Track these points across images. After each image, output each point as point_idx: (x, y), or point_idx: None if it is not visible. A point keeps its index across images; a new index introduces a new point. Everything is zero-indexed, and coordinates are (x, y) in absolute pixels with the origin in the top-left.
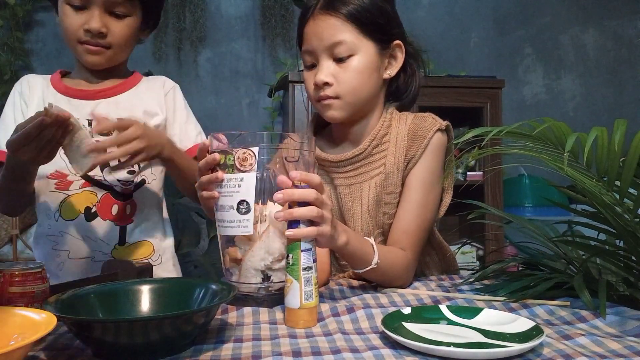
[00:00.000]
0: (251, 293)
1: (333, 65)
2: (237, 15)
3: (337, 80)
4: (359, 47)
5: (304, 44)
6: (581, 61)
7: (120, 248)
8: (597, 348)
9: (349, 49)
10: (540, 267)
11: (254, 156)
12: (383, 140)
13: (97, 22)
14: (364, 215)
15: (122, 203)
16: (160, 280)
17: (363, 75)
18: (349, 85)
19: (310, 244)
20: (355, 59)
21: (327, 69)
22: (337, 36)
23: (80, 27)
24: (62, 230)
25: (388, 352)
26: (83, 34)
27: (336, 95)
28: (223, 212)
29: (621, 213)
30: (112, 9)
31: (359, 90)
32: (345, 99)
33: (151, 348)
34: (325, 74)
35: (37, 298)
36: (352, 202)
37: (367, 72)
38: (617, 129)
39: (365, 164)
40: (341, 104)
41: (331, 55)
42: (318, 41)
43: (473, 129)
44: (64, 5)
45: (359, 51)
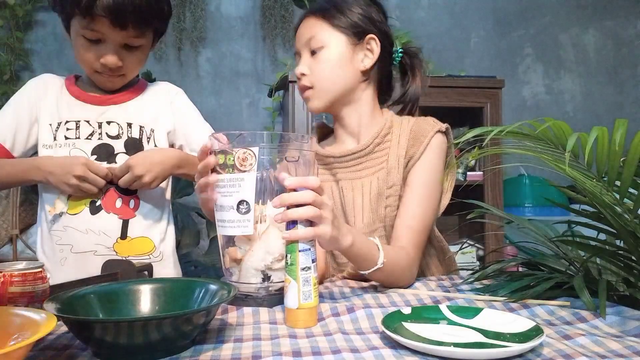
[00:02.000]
0: (251, 293)
1: (309, 58)
2: (237, 15)
3: (311, 70)
4: (329, 40)
5: (294, 47)
6: (581, 61)
7: (122, 242)
8: (597, 348)
9: (320, 41)
10: (540, 267)
11: (254, 156)
12: (385, 139)
13: (112, 58)
14: (365, 208)
15: (126, 197)
16: (160, 280)
17: (334, 65)
18: (321, 74)
19: (309, 245)
20: (325, 50)
21: (304, 61)
22: (311, 32)
23: (96, 60)
24: (67, 225)
25: (388, 352)
26: (99, 67)
27: (311, 84)
28: (223, 212)
29: (621, 213)
30: (128, 42)
31: (330, 79)
32: (318, 87)
33: (151, 348)
34: (301, 66)
35: (37, 298)
36: (354, 195)
37: (338, 62)
38: (618, 129)
39: (368, 160)
40: (316, 93)
41: (309, 49)
42: (299, 40)
43: (473, 129)
44: (78, 36)
45: (329, 44)
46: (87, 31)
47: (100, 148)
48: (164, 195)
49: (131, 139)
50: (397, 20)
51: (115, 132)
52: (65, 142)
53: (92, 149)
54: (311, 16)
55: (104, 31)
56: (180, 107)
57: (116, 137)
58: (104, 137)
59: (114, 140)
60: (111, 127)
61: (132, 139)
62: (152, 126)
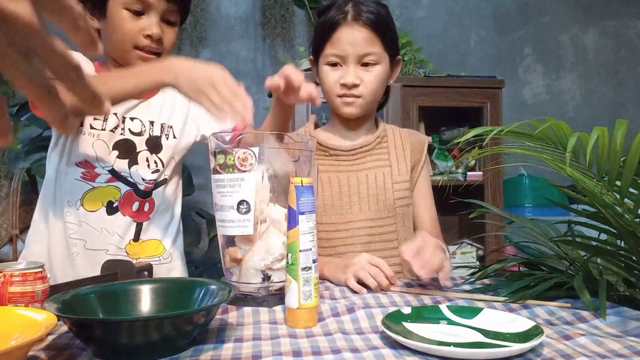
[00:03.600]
0: (251, 293)
1: (359, 69)
2: (237, 15)
3: (362, 82)
4: (382, 58)
5: (335, 47)
6: (581, 61)
7: (134, 244)
8: (598, 348)
9: (376, 59)
10: (541, 267)
11: (254, 156)
12: (384, 140)
13: (157, 28)
14: (370, 199)
15: (143, 200)
16: (160, 280)
17: (381, 82)
18: (371, 88)
19: (310, 244)
20: (378, 67)
21: (355, 71)
22: (370, 48)
23: (139, 32)
24: (82, 220)
25: (388, 352)
26: (143, 39)
27: (360, 94)
28: (223, 212)
29: (622, 213)
30: (166, 16)
31: (376, 93)
32: (365, 98)
33: (151, 348)
34: (354, 77)
35: (37, 298)
36: (358, 186)
37: (384, 79)
38: (618, 129)
39: (371, 155)
40: (361, 102)
41: (359, 61)
42: (352, 48)
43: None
44: (121, 11)
45: (381, 61)
46: (132, 2)
47: (122, 143)
48: (176, 199)
49: (152, 137)
50: (397, 20)
51: (138, 129)
52: (91, 131)
53: (114, 143)
54: (369, 29)
55: (151, 0)
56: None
57: (138, 134)
58: (127, 132)
59: (136, 137)
60: (134, 123)
61: (154, 137)
62: (171, 123)
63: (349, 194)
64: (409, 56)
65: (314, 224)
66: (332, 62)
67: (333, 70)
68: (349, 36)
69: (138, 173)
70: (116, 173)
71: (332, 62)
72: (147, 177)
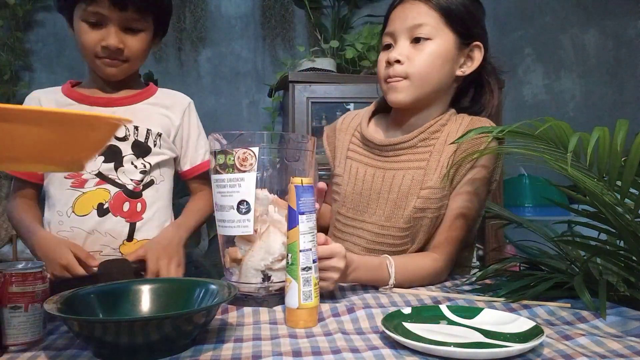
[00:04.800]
0: (251, 293)
1: (409, 46)
2: (237, 15)
3: (409, 60)
4: (438, 33)
5: (387, 27)
6: (581, 61)
7: (128, 244)
8: (598, 348)
9: (428, 33)
10: (541, 267)
11: (254, 156)
12: (433, 136)
13: (114, 39)
14: (389, 204)
15: (133, 201)
16: (160, 280)
17: (435, 62)
18: (419, 67)
19: (310, 244)
20: (432, 43)
21: (402, 48)
22: (420, 19)
23: (97, 44)
24: (74, 226)
25: (388, 352)
26: (100, 50)
27: (405, 74)
28: (223, 212)
29: (622, 213)
30: (128, 25)
31: (428, 75)
32: (412, 80)
33: (151, 348)
34: (399, 52)
35: (37, 298)
36: (381, 186)
37: (440, 59)
38: (620, 129)
39: (407, 154)
40: (407, 85)
41: (410, 36)
42: (401, 23)
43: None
44: (80, 22)
45: (437, 37)
46: (88, 14)
47: (107, 149)
48: (169, 198)
49: (137, 141)
50: None
51: (122, 134)
52: None
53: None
54: (425, 2)
55: (104, 12)
56: (188, 118)
57: (123, 139)
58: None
59: (121, 142)
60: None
61: (139, 141)
62: (160, 131)
63: (370, 191)
64: None
65: (314, 224)
66: (385, 44)
67: (384, 53)
68: (400, 12)
69: (125, 174)
70: (103, 176)
71: (386, 44)
72: (135, 177)
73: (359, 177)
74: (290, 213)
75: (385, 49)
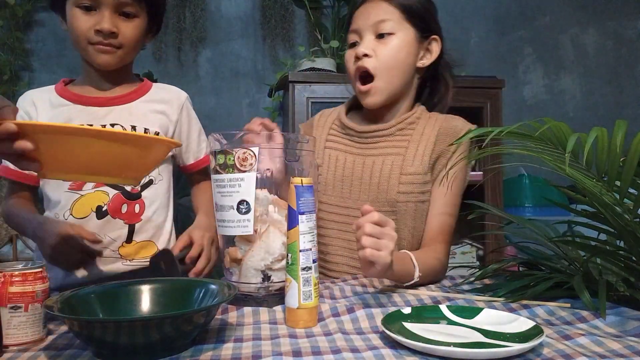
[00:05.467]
0: (251, 293)
1: (374, 40)
2: (237, 15)
3: (376, 54)
4: (400, 28)
5: (352, 25)
6: (581, 61)
7: (127, 246)
8: (597, 348)
9: (391, 28)
10: (540, 267)
11: (254, 156)
12: (409, 126)
13: (107, 22)
14: (372, 188)
15: (132, 202)
16: (160, 280)
17: (399, 54)
18: (386, 59)
19: (310, 244)
20: (395, 37)
21: (368, 42)
22: (382, 16)
23: (90, 29)
24: None
25: (388, 352)
26: (94, 35)
27: (374, 69)
28: (223, 212)
29: (621, 213)
30: (122, 9)
31: (394, 67)
32: (381, 77)
33: (151, 348)
34: (365, 47)
35: (37, 298)
36: (362, 172)
37: (403, 52)
38: (619, 130)
39: (385, 141)
40: (378, 86)
41: (374, 32)
42: (365, 20)
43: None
44: (72, 9)
45: (399, 32)
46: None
47: None
48: (167, 197)
49: None
50: None
51: None
52: None
53: None
54: (386, 0)
55: None
56: (187, 114)
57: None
58: None
59: None
60: (116, 129)
61: None
62: (157, 129)
63: (352, 178)
64: None
65: (314, 224)
66: (351, 42)
67: (351, 51)
68: (363, 10)
69: None
70: None
71: (352, 42)
72: None
73: (339, 164)
74: (290, 213)
75: (351, 46)
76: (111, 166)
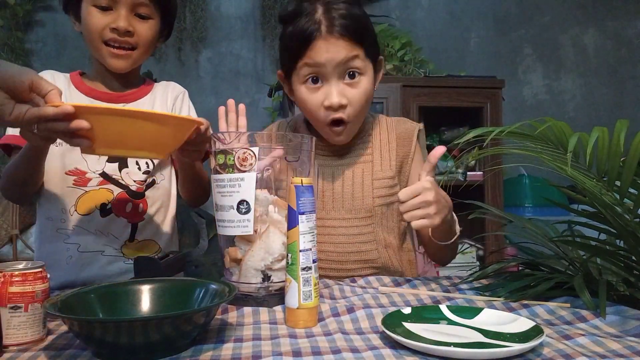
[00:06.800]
0: (251, 293)
1: (342, 85)
2: (237, 15)
3: (349, 100)
4: (366, 67)
5: (310, 64)
6: (581, 61)
7: (129, 244)
8: (597, 348)
9: (360, 70)
10: (540, 267)
11: (254, 156)
12: (367, 133)
13: (124, 21)
14: (346, 198)
15: (136, 201)
16: (160, 280)
17: (368, 94)
18: (358, 106)
19: (310, 244)
20: (364, 78)
21: (340, 89)
22: (351, 61)
23: (106, 27)
24: (76, 225)
25: (388, 352)
26: (109, 32)
27: (348, 118)
28: (223, 212)
29: (621, 213)
30: (137, 10)
31: (364, 109)
32: (353, 122)
33: (151, 348)
34: (340, 96)
35: (37, 298)
36: (333, 183)
37: (370, 90)
38: (620, 130)
39: (351, 151)
40: (350, 129)
41: (342, 72)
42: (331, 63)
43: (473, 129)
44: (89, 7)
45: (366, 71)
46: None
47: None
48: (170, 198)
49: None
50: (397, 20)
51: None
52: None
53: None
54: (348, 38)
55: None
56: (180, 105)
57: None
58: None
59: None
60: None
61: None
62: None
63: (323, 191)
64: (409, 56)
65: (314, 224)
66: (310, 81)
67: (313, 92)
68: (325, 52)
69: (129, 175)
70: (107, 176)
71: (311, 81)
72: (138, 178)
73: None
74: (290, 213)
75: (311, 81)
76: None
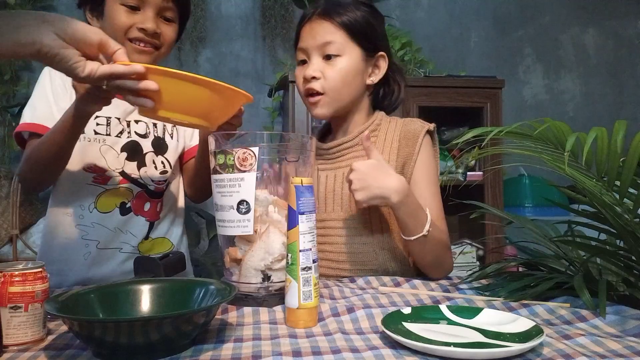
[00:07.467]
0: (251, 293)
1: (322, 62)
2: (237, 15)
3: (324, 75)
4: (346, 50)
5: (299, 43)
6: (581, 61)
7: (145, 242)
8: (597, 348)
9: (337, 50)
10: (540, 267)
11: (254, 156)
12: (372, 134)
13: (152, 22)
14: (344, 199)
15: (154, 201)
16: (160, 280)
17: (347, 75)
18: (334, 82)
19: (310, 244)
20: (342, 59)
21: (316, 64)
22: (328, 37)
23: (133, 26)
24: (95, 222)
25: (388, 352)
26: (136, 32)
27: (322, 89)
28: (223, 212)
29: (621, 213)
30: (163, 13)
31: (342, 88)
32: (329, 95)
33: (151, 348)
34: (313, 69)
35: (37, 298)
36: (334, 184)
37: (351, 73)
38: (619, 130)
39: (351, 152)
40: (326, 100)
41: (321, 53)
42: (312, 40)
43: (473, 129)
44: (116, 4)
45: (345, 53)
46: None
47: (129, 146)
48: (179, 195)
49: (157, 137)
50: (397, 20)
51: (143, 131)
52: (95, 137)
53: (122, 146)
54: (329, 20)
55: None
56: None
57: (144, 135)
58: (133, 135)
59: (142, 139)
60: (139, 125)
61: (157, 137)
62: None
63: (325, 192)
64: (409, 56)
65: (314, 224)
66: (300, 60)
67: (300, 69)
68: (309, 29)
69: (147, 174)
70: (127, 175)
71: (301, 60)
72: (156, 178)
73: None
74: (290, 213)
75: (300, 64)
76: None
